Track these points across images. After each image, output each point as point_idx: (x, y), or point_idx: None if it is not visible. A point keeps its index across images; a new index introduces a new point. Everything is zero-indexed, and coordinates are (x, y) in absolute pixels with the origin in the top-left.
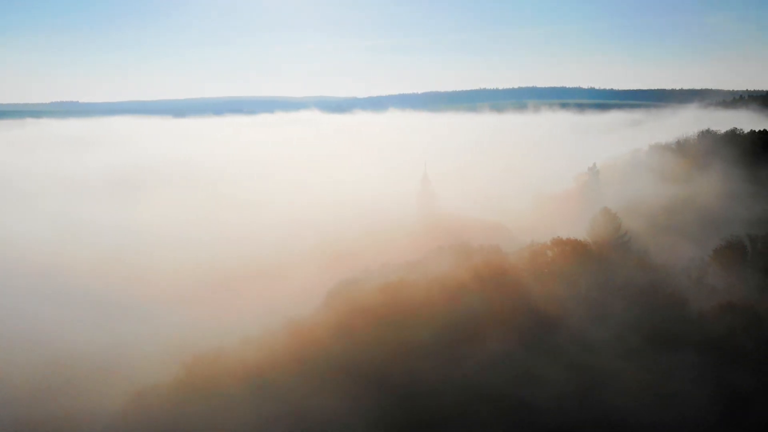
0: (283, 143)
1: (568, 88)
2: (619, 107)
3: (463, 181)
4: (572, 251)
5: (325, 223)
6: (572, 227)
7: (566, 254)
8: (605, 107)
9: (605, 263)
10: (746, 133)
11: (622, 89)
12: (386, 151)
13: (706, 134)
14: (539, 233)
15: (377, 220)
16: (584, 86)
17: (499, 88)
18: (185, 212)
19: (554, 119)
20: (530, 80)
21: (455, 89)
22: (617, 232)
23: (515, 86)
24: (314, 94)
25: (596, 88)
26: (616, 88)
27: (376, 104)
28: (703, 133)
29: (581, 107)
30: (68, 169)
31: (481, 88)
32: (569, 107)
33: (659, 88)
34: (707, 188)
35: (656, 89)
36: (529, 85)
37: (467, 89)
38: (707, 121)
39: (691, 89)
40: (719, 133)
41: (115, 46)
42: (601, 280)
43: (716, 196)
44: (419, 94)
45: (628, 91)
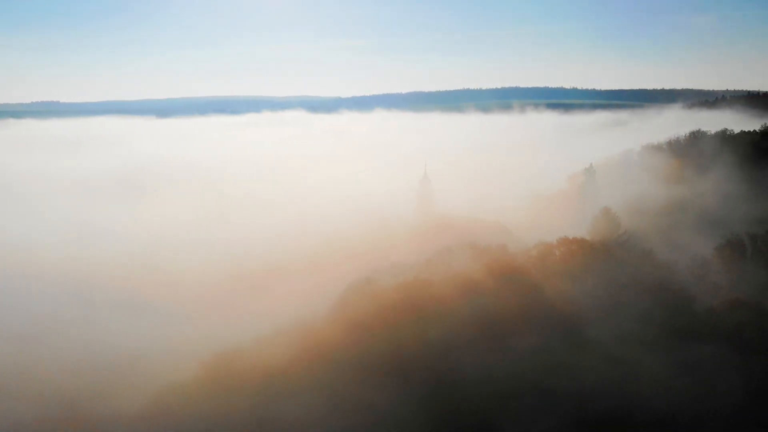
0: (279, 143)
1: (551, 88)
2: (603, 107)
3: (459, 181)
4: (579, 250)
5: (328, 223)
6: (571, 227)
7: (573, 253)
8: (590, 107)
9: (611, 261)
10: (737, 133)
11: (604, 89)
12: (380, 151)
13: (697, 135)
14: (539, 233)
15: (379, 220)
16: (567, 86)
17: (482, 88)
18: (193, 213)
19: (540, 119)
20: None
21: (438, 89)
22: (617, 231)
23: (499, 86)
24: (297, 93)
25: (578, 88)
26: (598, 88)
27: (360, 104)
28: (693, 133)
29: (567, 107)
30: (68, 170)
31: (464, 88)
32: (555, 107)
33: (641, 88)
34: (703, 188)
35: (638, 89)
36: (512, 85)
37: (451, 89)
38: (692, 121)
39: (672, 89)
40: (710, 133)
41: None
42: (608, 277)
43: (712, 195)
44: (403, 94)
45: (610, 91)
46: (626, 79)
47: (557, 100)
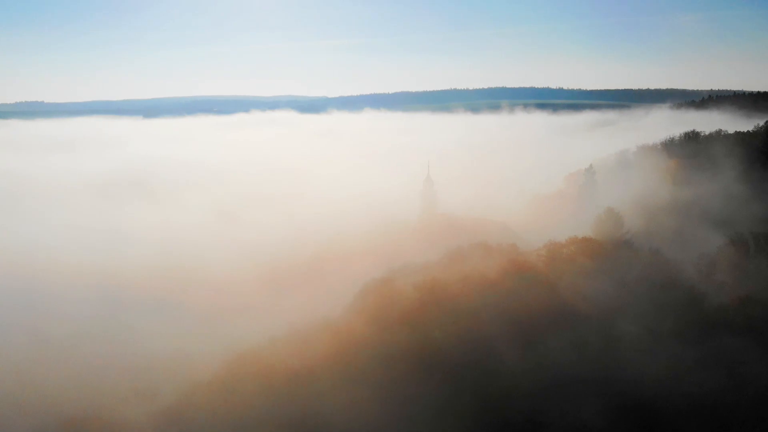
0: (276, 143)
1: (537, 88)
2: (590, 107)
3: (457, 181)
4: (588, 249)
5: (334, 224)
6: (573, 227)
7: (583, 252)
8: (578, 107)
9: (620, 260)
10: (731, 134)
11: (590, 89)
12: (375, 151)
13: (691, 135)
14: (541, 233)
15: (383, 220)
16: (553, 86)
17: (470, 88)
18: (204, 215)
19: (529, 119)
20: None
21: (426, 89)
22: (620, 230)
23: (486, 86)
24: (283, 93)
25: (565, 88)
26: (584, 88)
27: (348, 104)
28: (688, 134)
29: (554, 107)
30: (69, 171)
31: (452, 88)
32: (543, 107)
33: (627, 88)
34: (703, 188)
35: (624, 89)
36: (499, 85)
37: (438, 89)
38: (681, 121)
39: (657, 89)
40: (704, 134)
41: (79, 44)
42: (619, 275)
43: (713, 195)
44: (390, 94)
45: (596, 91)
46: (612, 79)
47: (544, 100)
